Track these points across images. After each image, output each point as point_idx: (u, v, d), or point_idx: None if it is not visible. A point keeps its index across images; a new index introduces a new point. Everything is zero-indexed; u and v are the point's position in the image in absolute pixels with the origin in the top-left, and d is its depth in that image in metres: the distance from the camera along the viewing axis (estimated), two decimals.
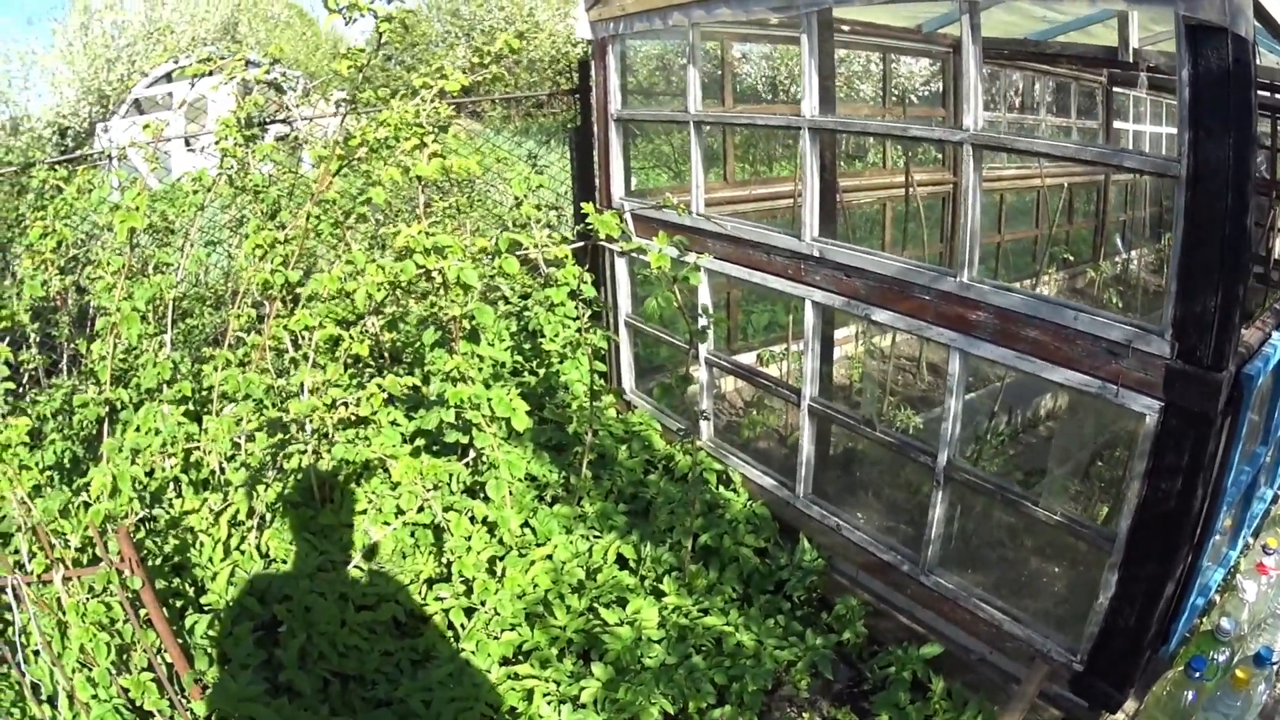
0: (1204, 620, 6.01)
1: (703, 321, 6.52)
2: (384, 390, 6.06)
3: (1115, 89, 14.16)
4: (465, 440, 6.50)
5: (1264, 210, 11.64)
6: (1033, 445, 9.12)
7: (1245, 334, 5.24)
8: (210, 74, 7.89)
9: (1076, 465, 8.24)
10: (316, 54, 27.70)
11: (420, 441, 6.58)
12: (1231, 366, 4.56)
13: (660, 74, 17.87)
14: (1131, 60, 8.75)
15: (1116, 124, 14.59)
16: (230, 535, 5.93)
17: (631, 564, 6.38)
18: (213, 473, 6.18)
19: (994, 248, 12.56)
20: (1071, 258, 13.53)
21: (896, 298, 5.81)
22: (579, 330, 6.69)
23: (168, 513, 5.99)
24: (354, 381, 6.62)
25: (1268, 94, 12.17)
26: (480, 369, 6.36)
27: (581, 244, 8.22)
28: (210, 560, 5.77)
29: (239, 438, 6.18)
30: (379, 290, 5.89)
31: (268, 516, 6.07)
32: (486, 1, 28.09)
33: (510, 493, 6.37)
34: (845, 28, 9.57)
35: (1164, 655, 5.43)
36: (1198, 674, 5.01)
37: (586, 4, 7.80)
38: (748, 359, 9.45)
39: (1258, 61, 4.37)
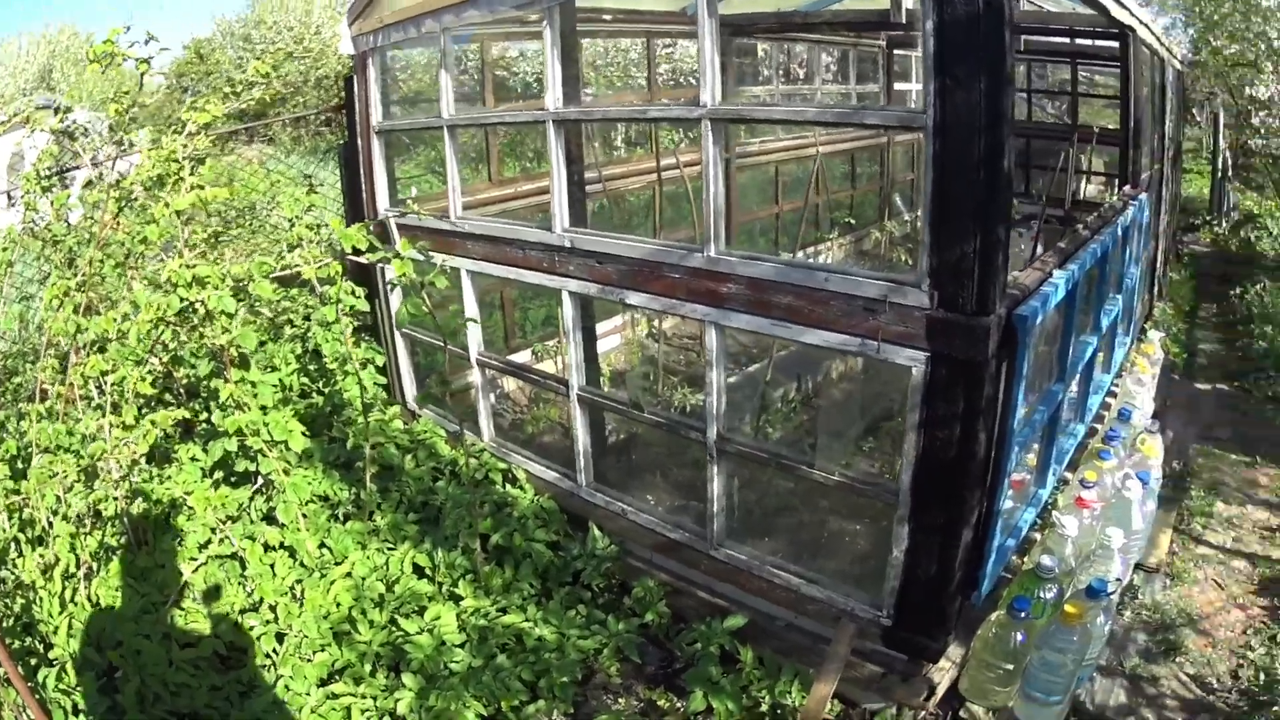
0: (1026, 559, 5.99)
1: (470, 325, 6.51)
2: (158, 426, 5.75)
3: (896, 51, 14.25)
4: (254, 468, 6.22)
5: (1065, 154, 11.59)
6: (823, 410, 8.96)
7: (1021, 275, 5.27)
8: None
9: (860, 424, 8.22)
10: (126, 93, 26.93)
11: (219, 474, 6.32)
12: (1000, 310, 4.49)
13: (426, 81, 17.61)
14: (905, 21, 8.55)
15: (899, 85, 14.76)
16: (64, 588, 5.65)
17: (428, 571, 6.17)
18: (44, 529, 5.90)
19: (773, 219, 12.45)
20: (854, 221, 13.54)
21: (648, 279, 5.68)
22: (349, 345, 6.31)
23: (13, 573, 5.78)
24: (147, 421, 6.20)
25: (1065, 40, 12.23)
26: (256, 395, 6.00)
27: (359, 259, 7.83)
28: (50, 614, 5.51)
29: (60, 490, 5.89)
30: (154, 327, 5.60)
31: (95, 565, 5.78)
32: (276, 24, 27.48)
33: (304, 515, 6.13)
34: (608, 16, 9.45)
35: (977, 600, 5.41)
36: (1023, 614, 4.99)
37: (349, 19, 7.61)
38: (525, 356, 9.25)
39: (1020, 6, 4.19)
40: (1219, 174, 20.44)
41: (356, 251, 5.59)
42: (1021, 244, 9.80)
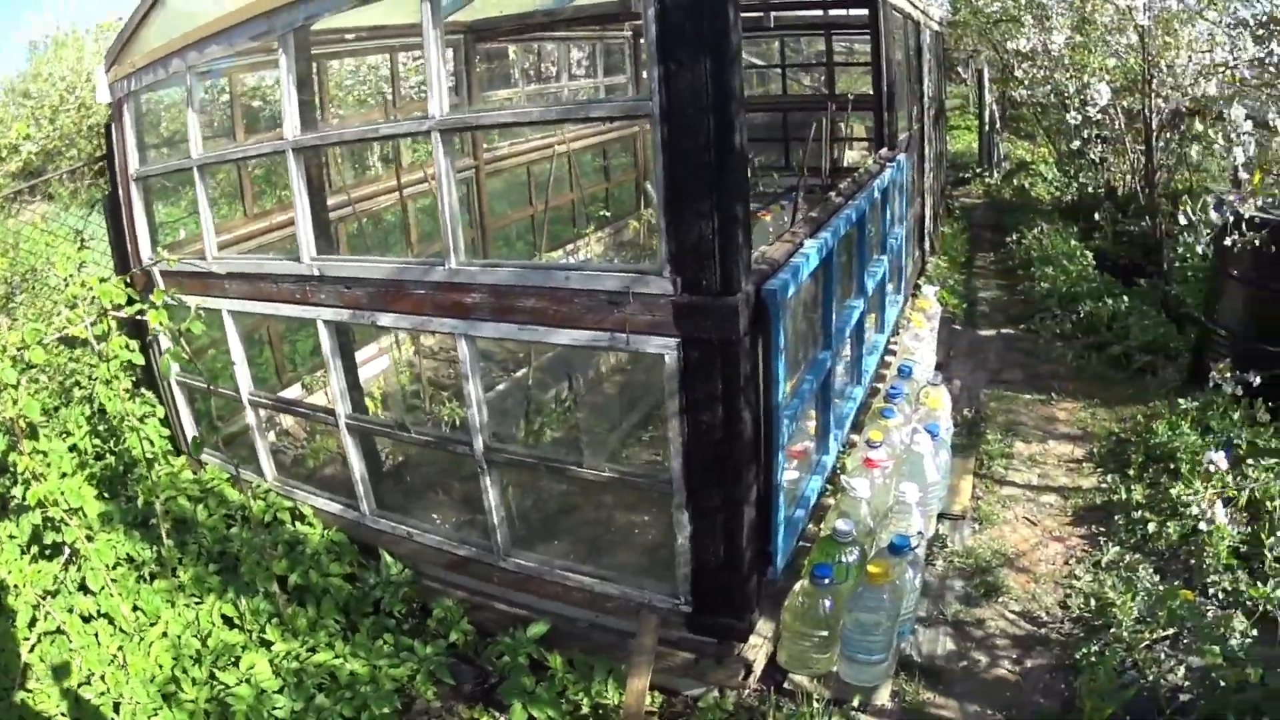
0: (822, 526, 5.96)
1: (237, 366, 6.29)
2: None
3: (642, 40, 13.91)
4: (60, 538, 5.88)
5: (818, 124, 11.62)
6: (598, 406, 8.78)
7: (770, 249, 5.24)
8: None
9: (633, 415, 8.17)
10: None
11: (34, 549, 5.91)
12: (748, 287, 4.44)
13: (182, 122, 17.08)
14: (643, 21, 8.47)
15: (645, 73, 14.49)
16: None
17: (237, 621, 5.93)
18: None
19: (529, 220, 12.18)
20: (609, 214, 13.40)
21: (396, 298, 5.51)
22: (123, 400, 6.06)
23: None
24: None
25: (819, 12, 12.28)
26: (49, 464, 5.73)
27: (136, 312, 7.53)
28: None
29: None
30: None
31: None
32: (51, 75, 26.66)
33: (113, 580, 5.82)
34: (350, 35, 9.20)
35: (774, 575, 5.33)
36: (827, 580, 5.00)
37: (105, 64, 7.26)
38: (298, 390, 8.90)
39: None
40: (987, 127, 21.12)
41: (117, 306, 5.39)
42: (785, 216, 9.79)
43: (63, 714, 5.22)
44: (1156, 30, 11.18)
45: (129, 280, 6.53)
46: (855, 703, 5.13)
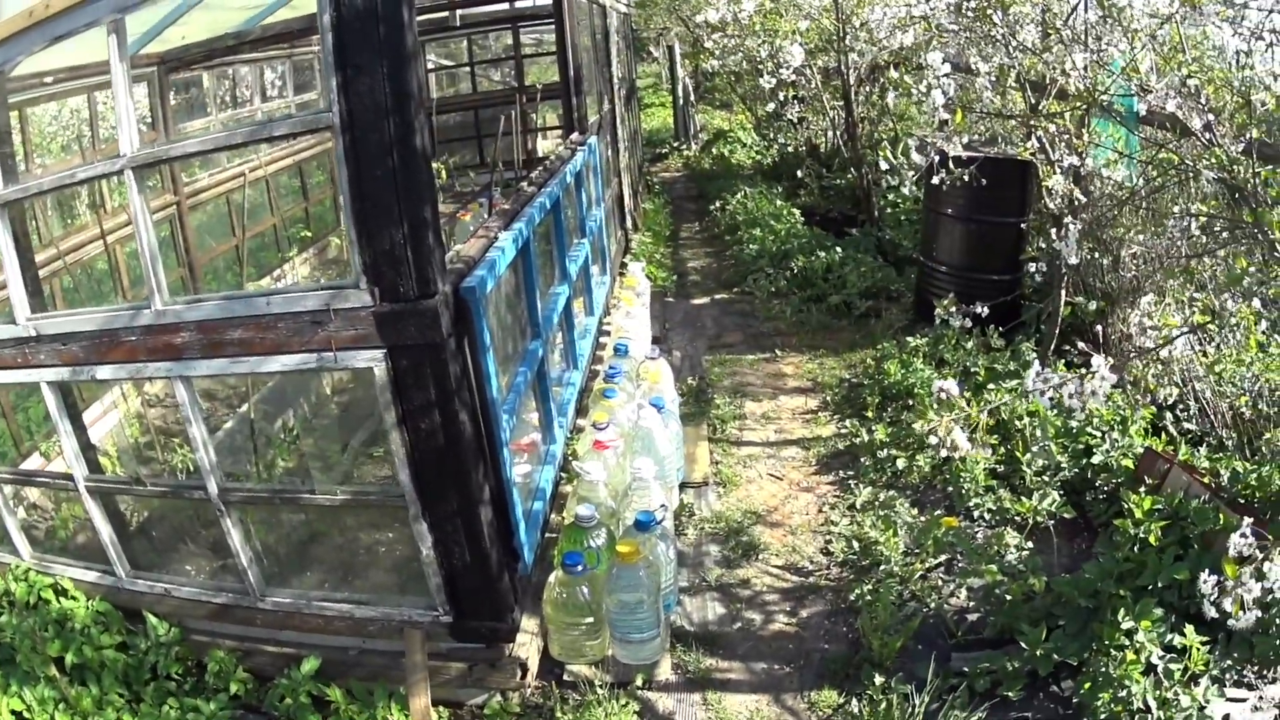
0: (565, 515, 5.88)
1: None
2: None
3: None
4: None
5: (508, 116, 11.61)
6: (325, 429, 8.59)
7: (464, 247, 5.17)
8: None
9: (361, 434, 7.95)
10: None
11: None
12: (445, 287, 4.37)
13: None
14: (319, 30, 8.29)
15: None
16: None
17: (26, 715, 5.54)
18: None
19: (235, 251, 11.77)
20: (310, 233, 13.16)
21: (109, 349, 5.18)
22: None
23: None
24: None
25: (505, 5, 12.21)
26: None
27: None
28: None
29: None
30: None
31: None
32: None
33: None
34: (50, 79, 8.79)
35: (526, 569, 5.30)
36: (579, 567, 4.98)
37: None
38: (36, 460, 8.36)
39: None
40: (680, 101, 21.26)
41: None
42: (484, 213, 9.71)
43: None
44: None
45: None
46: (639, 682, 5.14)
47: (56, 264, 8.59)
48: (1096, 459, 6.20)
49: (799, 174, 14.46)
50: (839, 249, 11.16)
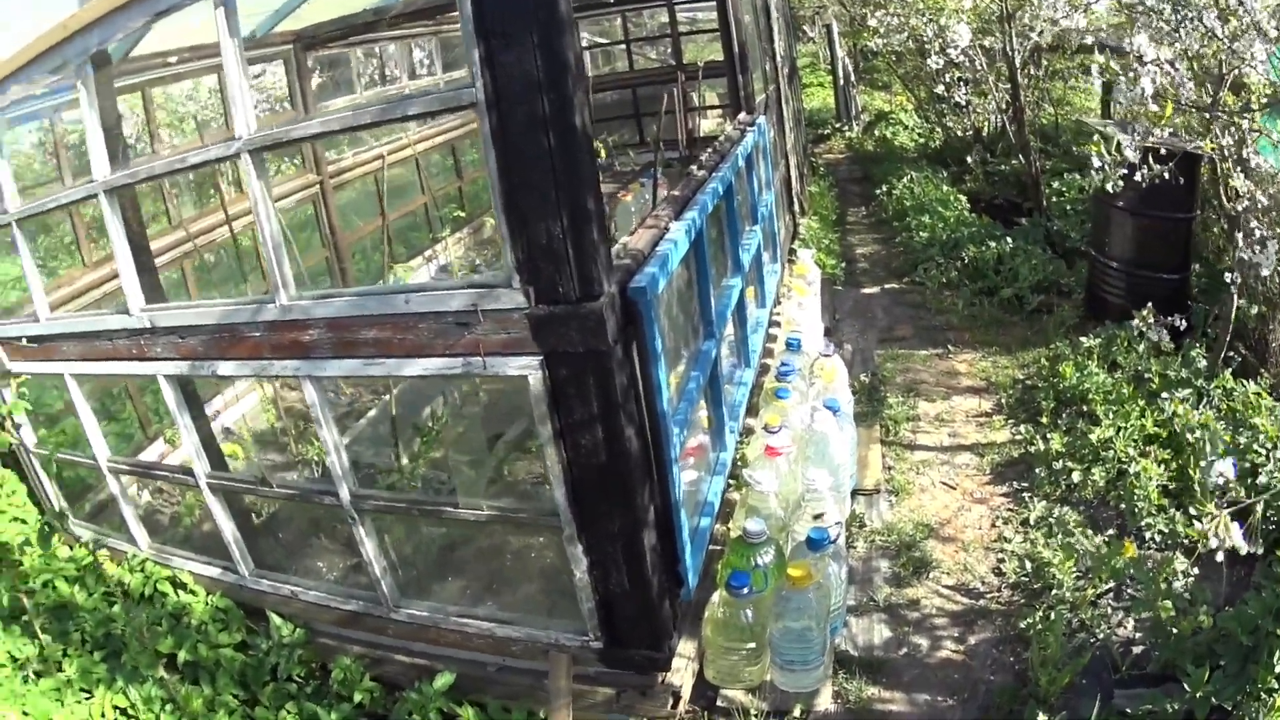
0: (731, 525, 5.39)
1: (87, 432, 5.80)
2: None
3: None
4: None
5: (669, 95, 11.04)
6: (473, 422, 8.00)
7: (632, 240, 4.51)
8: None
9: (512, 435, 7.25)
10: None
11: None
12: (611, 287, 3.75)
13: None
14: None
15: None
16: None
17: (130, 711, 5.18)
18: None
19: (382, 231, 11.33)
20: (464, 213, 12.61)
21: (230, 344, 4.77)
22: None
23: None
24: None
25: None
26: None
27: None
28: None
29: None
30: None
31: None
32: None
33: None
34: (174, 59, 8.38)
35: (687, 595, 4.72)
36: (745, 590, 4.46)
37: None
38: (159, 447, 7.98)
39: None
40: (841, 81, 20.56)
41: None
42: (646, 194, 9.13)
43: None
44: None
45: None
46: (796, 712, 4.65)
47: (187, 246, 8.25)
48: (1261, 479, 5.63)
49: (968, 159, 13.81)
50: (1009, 239, 10.44)
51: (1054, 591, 5.21)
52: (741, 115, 7.96)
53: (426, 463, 6.87)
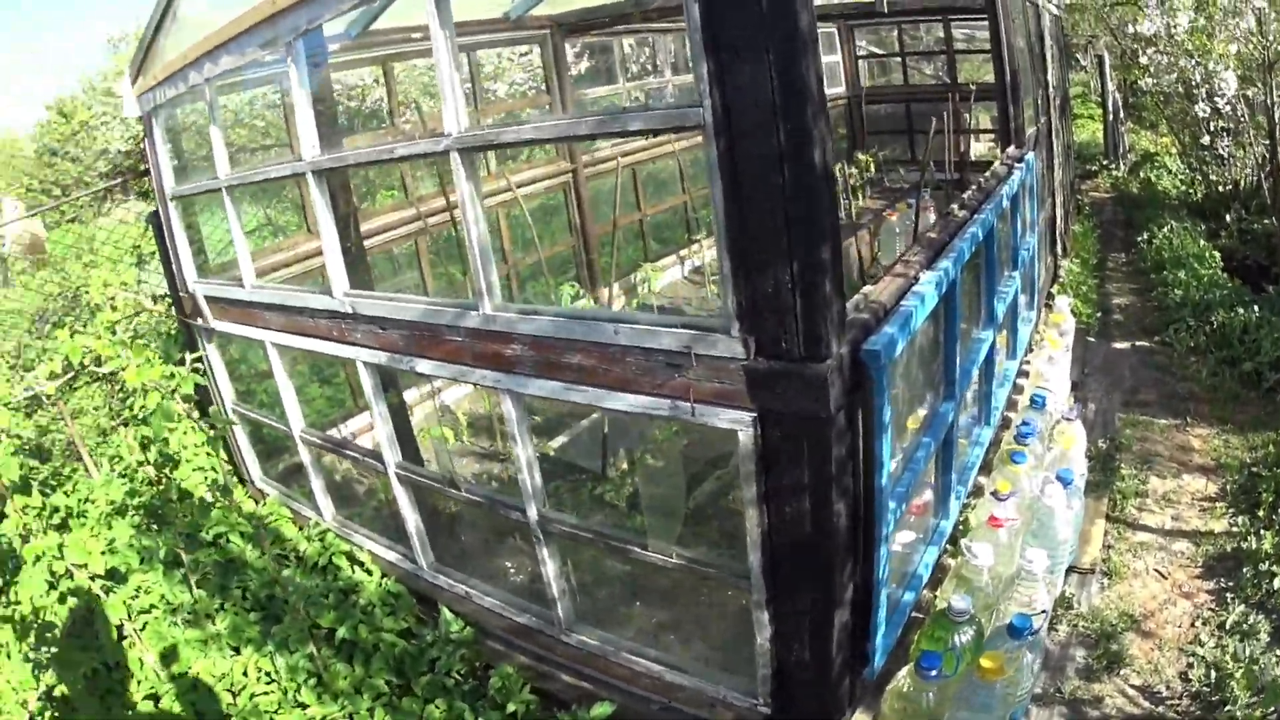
0: (939, 593, 4.97)
1: (285, 400, 5.81)
2: None
3: None
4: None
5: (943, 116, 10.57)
6: (673, 458, 7.62)
7: (873, 290, 4.01)
8: None
9: (709, 480, 6.78)
10: None
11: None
12: (841, 348, 3.29)
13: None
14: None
15: None
16: None
17: (273, 676, 5.12)
18: None
19: (638, 225, 11.23)
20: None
21: (431, 344, 4.57)
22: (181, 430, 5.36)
23: None
24: None
25: None
26: (44, 519, 4.88)
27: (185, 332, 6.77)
28: None
29: None
30: None
31: None
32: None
33: (141, 627, 5.03)
34: (418, 35, 8.25)
35: (872, 676, 4.28)
36: (934, 672, 3.98)
37: (130, 77, 6.55)
38: (366, 418, 7.92)
39: None
40: (1111, 117, 19.61)
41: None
42: (912, 214, 8.73)
43: None
44: (1271, 13, 10.02)
45: (176, 305, 6.38)
46: None
47: (416, 224, 8.23)
48: None
49: (1226, 216, 12.94)
50: (1256, 307, 9.59)
51: (1227, 707, 4.77)
52: (1010, 150, 7.34)
53: (626, 489, 6.64)
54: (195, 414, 6.14)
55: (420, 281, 8.50)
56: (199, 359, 6.13)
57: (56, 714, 4.62)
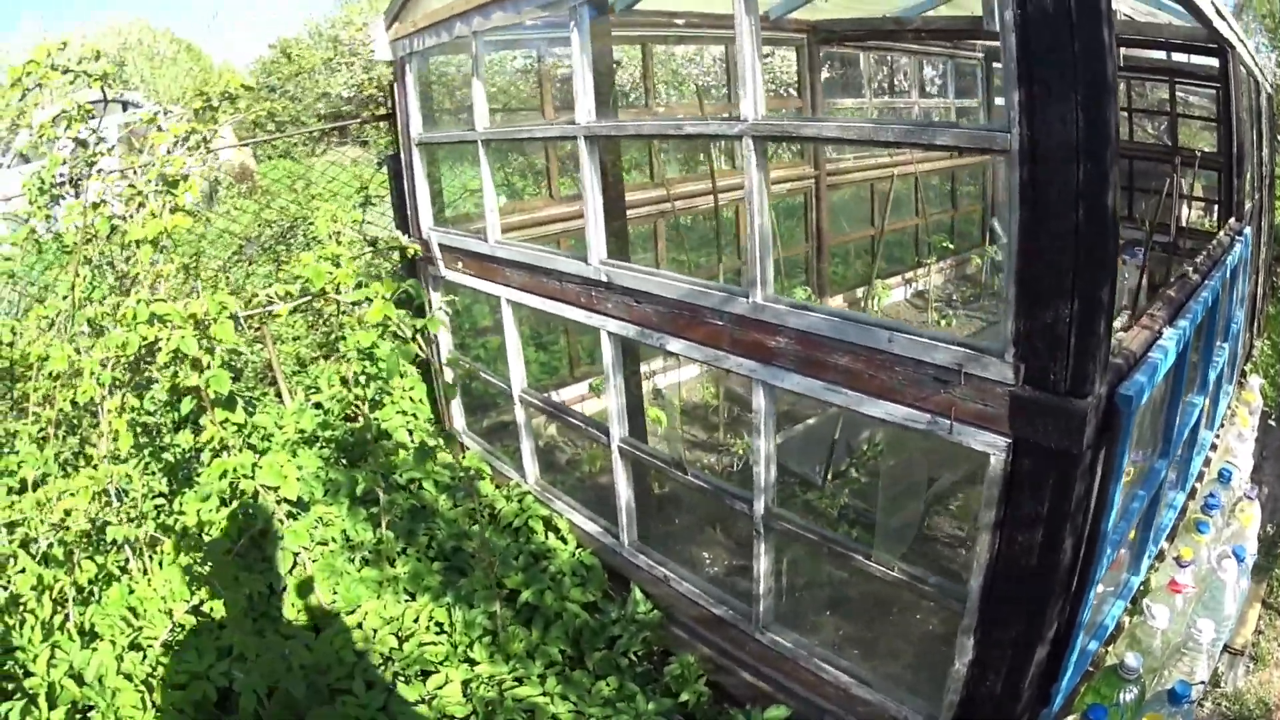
0: (1110, 649, 4.86)
1: (512, 359, 5.88)
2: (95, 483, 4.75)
3: (995, 64, 12.62)
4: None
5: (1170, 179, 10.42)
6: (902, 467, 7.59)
7: (1125, 337, 3.99)
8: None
9: (934, 495, 6.77)
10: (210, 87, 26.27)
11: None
12: (1100, 389, 3.28)
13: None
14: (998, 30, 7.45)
15: (1000, 100, 13.42)
16: (54, 612, 4.69)
17: (446, 628, 5.13)
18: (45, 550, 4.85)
19: (869, 241, 11.15)
20: (952, 245, 12.07)
21: (688, 324, 4.60)
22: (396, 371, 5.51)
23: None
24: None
25: (1161, 54, 10.96)
26: (243, 436, 4.94)
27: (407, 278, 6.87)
28: (31, 642, 4.48)
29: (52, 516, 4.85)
30: (111, 366, 4.79)
31: (95, 592, 4.84)
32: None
33: (312, 560, 5.08)
34: (680, 21, 8.34)
35: (1050, 717, 4.17)
36: None
37: (385, 22, 6.73)
38: (583, 388, 8.12)
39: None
40: None
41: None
42: (1124, 272, 8.60)
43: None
44: None
45: (406, 248, 6.44)
46: None
47: (665, 205, 8.31)
48: None
49: None
50: None
51: None
52: (1232, 221, 7.22)
53: (850, 490, 6.63)
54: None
55: (654, 263, 8.50)
56: (441, 305, 6.26)
57: (200, 629, 4.65)
